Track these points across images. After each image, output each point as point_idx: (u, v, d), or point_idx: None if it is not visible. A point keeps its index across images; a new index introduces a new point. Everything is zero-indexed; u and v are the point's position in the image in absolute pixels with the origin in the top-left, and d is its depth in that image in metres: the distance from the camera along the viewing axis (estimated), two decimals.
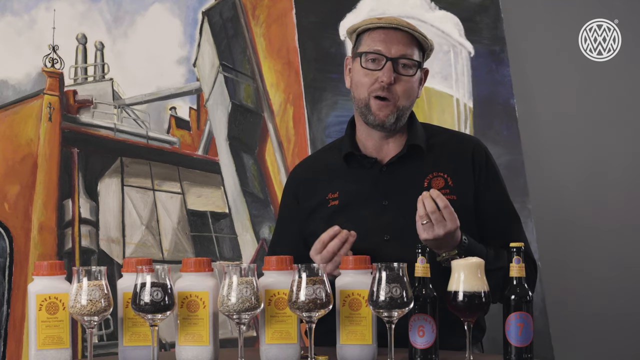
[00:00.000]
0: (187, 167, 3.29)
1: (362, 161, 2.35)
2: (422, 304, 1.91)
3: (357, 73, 2.32)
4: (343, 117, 3.39)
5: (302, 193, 2.40)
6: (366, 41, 2.31)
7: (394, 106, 2.28)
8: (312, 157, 2.60)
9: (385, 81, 2.25)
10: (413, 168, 2.32)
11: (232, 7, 3.41)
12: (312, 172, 2.43)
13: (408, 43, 2.28)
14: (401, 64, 2.27)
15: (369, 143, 2.36)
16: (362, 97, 2.31)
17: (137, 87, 3.28)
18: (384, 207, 2.29)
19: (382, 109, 2.28)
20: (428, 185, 2.28)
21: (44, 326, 1.96)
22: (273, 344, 1.97)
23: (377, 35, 2.28)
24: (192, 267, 1.98)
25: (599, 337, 3.56)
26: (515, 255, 1.92)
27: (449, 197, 2.24)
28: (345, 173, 2.36)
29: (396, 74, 2.26)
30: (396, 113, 2.29)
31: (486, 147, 2.41)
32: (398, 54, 2.27)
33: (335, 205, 2.32)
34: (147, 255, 3.13)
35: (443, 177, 2.30)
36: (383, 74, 2.26)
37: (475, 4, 3.58)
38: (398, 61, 2.27)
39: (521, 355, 1.90)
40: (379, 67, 2.27)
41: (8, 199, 3.05)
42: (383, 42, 2.27)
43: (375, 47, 2.28)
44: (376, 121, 2.29)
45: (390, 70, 2.26)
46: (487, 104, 3.53)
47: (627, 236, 3.64)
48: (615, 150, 3.68)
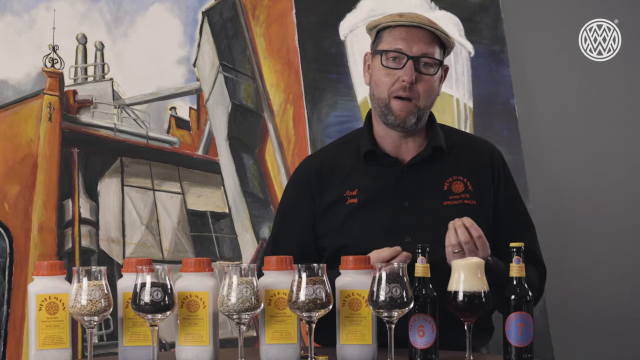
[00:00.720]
0: (187, 167, 3.29)
1: (382, 160, 2.32)
2: (422, 304, 1.91)
3: (377, 71, 2.28)
4: (343, 117, 3.40)
5: (316, 187, 2.35)
6: (387, 39, 2.27)
7: (415, 106, 2.25)
8: (324, 151, 2.51)
9: (407, 80, 2.22)
10: (433, 170, 2.30)
11: (232, 7, 3.41)
12: (328, 166, 2.37)
13: (429, 41, 2.25)
14: (422, 63, 2.24)
15: (388, 141, 2.32)
16: (382, 97, 2.27)
17: (137, 87, 3.27)
18: (404, 208, 2.27)
19: (403, 109, 2.25)
20: (448, 189, 2.27)
21: (44, 326, 1.96)
22: (273, 344, 1.97)
23: (398, 32, 2.24)
24: (192, 267, 1.98)
25: (599, 337, 3.56)
26: (515, 255, 1.92)
27: (469, 202, 2.24)
28: (365, 170, 2.32)
29: (417, 72, 2.23)
30: (417, 113, 2.26)
31: (501, 152, 2.40)
32: (419, 53, 2.23)
33: (353, 203, 2.29)
34: (147, 255, 3.13)
35: (463, 181, 2.29)
36: (404, 73, 2.22)
37: (475, 4, 3.58)
38: (419, 60, 2.24)
39: (521, 355, 1.90)
40: (400, 66, 2.23)
41: (8, 199, 3.05)
42: (404, 40, 2.24)
43: (396, 46, 2.24)
44: (397, 121, 2.27)
45: (411, 70, 2.22)
46: (487, 104, 3.53)
47: (627, 236, 3.64)
48: (615, 150, 3.68)
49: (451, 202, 2.25)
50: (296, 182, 2.43)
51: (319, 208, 2.34)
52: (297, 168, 2.49)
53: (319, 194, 2.35)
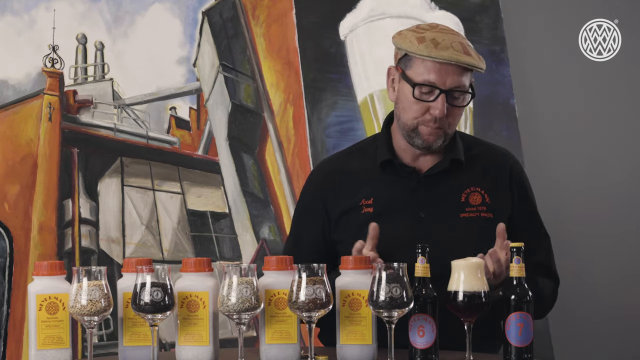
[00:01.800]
0: (187, 167, 3.29)
1: (398, 169, 2.30)
2: (422, 304, 1.91)
3: (406, 98, 2.23)
4: (343, 117, 3.40)
5: (330, 193, 2.33)
6: (418, 68, 2.20)
7: (444, 132, 2.24)
8: (339, 158, 2.46)
9: (439, 115, 2.18)
10: (451, 181, 2.28)
11: (232, 7, 3.41)
12: (343, 174, 2.35)
13: (462, 72, 2.19)
14: (454, 95, 2.21)
15: (407, 152, 2.30)
16: (409, 123, 2.23)
17: (137, 87, 3.27)
18: (420, 219, 2.25)
19: (432, 134, 2.23)
20: (465, 201, 2.26)
21: (44, 326, 1.96)
22: (273, 344, 1.97)
23: (432, 65, 2.18)
24: (192, 267, 1.98)
25: (599, 337, 3.56)
26: (515, 255, 1.92)
27: (485, 215, 2.24)
28: (381, 179, 2.30)
29: (449, 104, 2.20)
30: (444, 137, 2.25)
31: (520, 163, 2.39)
32: (452, 86, 2.18)
33: (369, 212, 2.27)
34: (147, 255, 3.13)
35: (480, 192, 2.28)
36: (436, 107, 2.18)
37: (475, 4, 3.58)
38: (452, 92, 2.20)
39: (521, 355, 1.90)
40: (431, 98, 2.19)
41: (8, 199, 3.05)
42: (438, 73, 2.17)
43: (429, 79, 2.18)
44: (424, 145, 2.24)
45: (444, 104, 2.18)
46: (487, 104, 3.53)
47: (627, 236, 3.64)
48: (615, 150, 3.68)
49: (468, 214, 2.24)
50: (310, 190, 2.42)
51: (334, 215, 2.32)
52: (313, 172, 2.48)
53: (333, 200, 2.33)
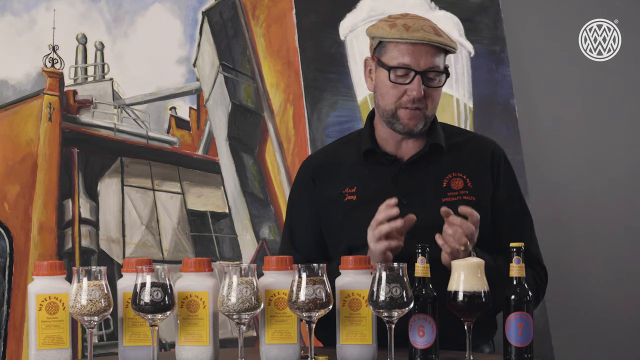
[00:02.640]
0: (187, 167, 3.29)
1: (381, 158, 2.33)
2: (422, 304, 1.91)
3: (383, 84, 2.27)
4: (343, 117, 3.40)
5: (317, 185, 2.37)
6: (392, 52, 2.24)
7: (423, 114, 2.26)
8: (325, 150, 2.54)
9: (416, 96, 2.22)
10: (432, 167, 2.31)
11: (232, 7, 3.41)
12: (328, 164, 2.40)
13: (435, 53, 2.23)
14: (430, 76, 2.24)
15: (389, 142, 2.33)
16: (388, 109, 2.27)
17: (137, 87, 3.28)
18: (403, 206, 2.26)
19: (412, 118, 2.26)
20: (447, 186, 2.28)
21: (44, 326, 1.96)
22: (273, 344, 1.97)
23: (405, 47, 2.22)
24: (192, 267, 1.98)
25: (599, 337, 3.56)
26: (515, 255, 1.92)
27: (468, 198, 2.25)
28: (363, 168, 2.34)
29: (425, 86, 2.23)
30: (424, 120, 2.27)
31: (504, 150, 2.40)
32: (427, 67, 2.22)
33: (352, 200, 2.31)
34: (147, 255, 3.13)
35: (462, 177, 2.29)
36: (413, 88, 2.22)
37: (475, 4, 3.58)
38: (427, 74, 2.23)
39: (521, 355, 1.90)
40: (408, 81, 2.23)
41: (8, 199, 3.05)
42: (411, 55, 2.22)
43: (403, 62, 2.22)
44: (404, 129, 2.27)
45: (420, 85, 2.22)
46: (487, 104, 3.53)
47: (627, 236, 3.64)
48: (615, 150, 3.68)
49: (450, 198, 2.25)
50: (299, 180, 2.46)
51: (320, 205, 2.36)
52: (299, 168, 2.50)
53: (320, 191, 2.37)
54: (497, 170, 2.34)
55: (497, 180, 2.33)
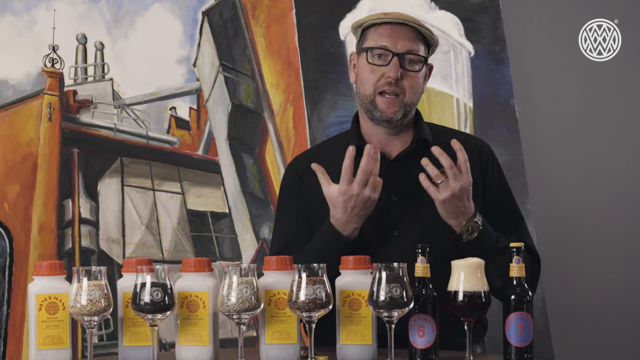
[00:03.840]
0: (187, 167, 3.29)
1: None
2: (422, 304, 1.91)
3: (362, 69, 2.31)
4: (343, 117, 3.39)
5: (305, 184, 2.37)
6: (372, 36, 2.30)
7: (401, 102, 2.28)
8: (312, 150, 2.56)
9: (392, 77, 2.24)
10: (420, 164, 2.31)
11: (232, 7, 3.41)
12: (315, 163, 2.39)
13: (414, 38, 2.28)
14: (407, 60, 2.27)
15: (375, 138, 2.35)
16: (367, 94, 2.29)
17: (137, 87, 3.27)
18: (392, 202, 2.28)
19: (389, 105, 2.27)
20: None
21: (44, 326, 1.96)
22: (273, 344, 1.97)
23: (384, 30, 2.28)
24: (192, 267, 1.99)
25: (599, 337, 3.56)
26: (515, 255, 1.92)
27: None
28: None
29: (402, 69, 2.26)
30: (403, 109, 2.29)
31: (490, 146, 2.42)
32: (404, 50, 2.26)
33: None
34: (147, 255, 3.13)
35: None
36: (390, 69, 2.25)
37: (475, 4, 3.58)
38: (404, 57, 2.26)
39: (521, 355, 1.90)
40: (385, 63, 2.26)
41: (8, 199, 3.05)
42: (389, 37, 2.26)
43: (381, 43, 2.27)
44: (383, 117, 2.29)
45: (396, 66, 2.25)
46: (487, 104, 3.53)
47: (627, 236, 3.64)
48: (615, 150, 3.68)
49: None
50: (286, 185, 2.46)
51: (310, 203, 2.36)
52: (285, 170, 2.52)
53: (308, 190, 2.36)
54: (485, 166, 2.35)
55: (485, 175, 2.34)
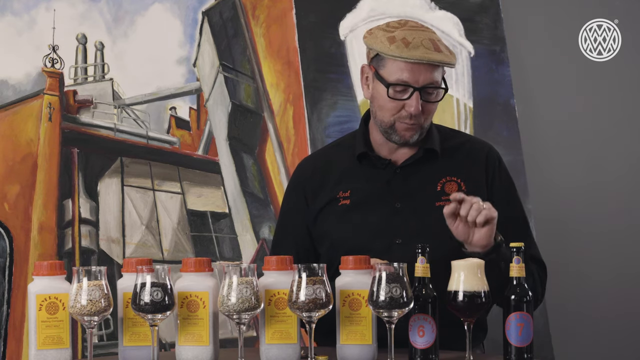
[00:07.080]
0: (187, 167, 3.29)
1: (375, 162, 2.32)
2: (422, 304, 1.91)
3: (380, 97, 2.25)
4: (343, 117, 3.40)
5: (310, 189, 2.36)
6: (390, 67, 2.21)
7: (420, 127, 2.26)
8: (319, 154, 2.54)
9: (414, 112, 2.21)
10: (427, 171, 2.30)
11: (232, 7, 3.41)
12: (322, 169, 2.39)
13: (434, 69, 2.21)
14: (428, 91, 2.22)
15: (385, 147, 2.33)
16: (386, 120, 2.26)
17: (137, 87, 3.28)
18: (396, 210, 2.27)
19: (408, 130, 2.25)
20: (441, 189, 2.28)
21: (44, 326, 1.96)
22: (273, 344, 1.97)
23: (404, 64, 2.19)
24: (192, 267, 1.99)
25: (599, 337, 3.56)
26: (515, 255, 1.92)
27: None
28: (357, 172, 2.33)
29: (423, 101, 2.22)
30: (420, 131, 2.27)
31: (498, 152, 2.40)
32: (425, 83, 2.20)
33: (346, 204, 2.30)
34: (147, 255, 3.13)
35: (456, 181, 2.29)
36: (411, 105, 2.20)
37: (475, 4, 3.58)
38: (425, 89, 2.22)
39: (521, 355, 1.90)
40: (406, 96, 2.21)
41: (8, 199, 3.05)
42: (410, 72, 2.19)
43: (401, 78, 2.20)
44: (401, 140, 2.27)
45: (418, 101, 2.20)
46: (487, 104, 3.53)
47: (627, 236, 3.64)
48: (615, 150, 3.68)
49: (444, 202, 2.23)
50: (292, 186, 2.45)
51: (314, 210, 2.35)
52: (294, 172, 2.50)
53: (313, 196, 2.36)
54: (492, 173, 2.33)
55: (492, 183, 2.32)
